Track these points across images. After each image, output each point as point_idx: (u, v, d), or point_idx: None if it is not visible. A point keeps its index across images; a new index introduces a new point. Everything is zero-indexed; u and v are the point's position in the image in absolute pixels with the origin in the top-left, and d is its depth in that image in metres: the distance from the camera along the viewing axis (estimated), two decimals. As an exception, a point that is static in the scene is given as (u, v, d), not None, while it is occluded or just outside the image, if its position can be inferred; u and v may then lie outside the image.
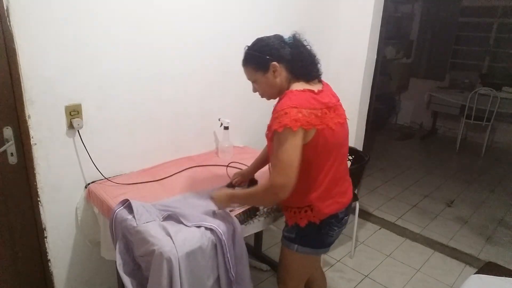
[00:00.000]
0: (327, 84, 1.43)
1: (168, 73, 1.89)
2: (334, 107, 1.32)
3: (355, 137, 2.87)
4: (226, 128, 2.12)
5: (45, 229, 1.64)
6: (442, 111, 5.33)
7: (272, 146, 1.34)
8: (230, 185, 1.69)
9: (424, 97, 5.30)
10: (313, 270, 1.69)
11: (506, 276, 1.66)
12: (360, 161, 2.28)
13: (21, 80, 1.41)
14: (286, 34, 1.36)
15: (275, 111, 1.25)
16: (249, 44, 1.37)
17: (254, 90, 1.41)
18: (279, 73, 1.30)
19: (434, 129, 5.62)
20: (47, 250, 1.68)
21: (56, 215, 1.66)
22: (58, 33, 1.46)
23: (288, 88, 1.31)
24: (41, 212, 1.61)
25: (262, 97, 1.42)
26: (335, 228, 1.41)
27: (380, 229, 2.97)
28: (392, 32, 5.26)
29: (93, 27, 1.56)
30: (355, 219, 2.51)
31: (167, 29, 1.82)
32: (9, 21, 1.33)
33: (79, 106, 1.60)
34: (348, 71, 2.78)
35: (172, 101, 1.96)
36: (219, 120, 2.17)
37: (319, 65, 1.37)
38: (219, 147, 2.15)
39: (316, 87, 1.31)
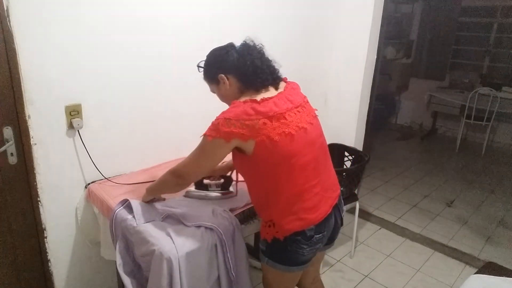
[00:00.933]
0: (292, 87, 1.35)
1: (168, 73, 1.89)
2: (279, 116, 1.20)
3: (355, 137, 2.87)
4: (226, 128, 2.11)
5: (45, 229, 1.64)
6: (442, 111, 5.32)
7: (233, 160, 1.36)
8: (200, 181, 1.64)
9: (424, 97, 5.30)
10: (308, 285, 1.63)
11: (506, 276, 1.66)
12: (360, 161, 2.28)
13: (21, 80, 1.41)
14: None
15: (216, 118, 1.23)
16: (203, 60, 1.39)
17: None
18: (229, 83, 1.29)
19: (434, 129, 5.62)
20: (47, 250, 1.68)
21: (56, 215, 1.66)
22: (58, 33, 1.46)
23: (238, 98, 1.27)
24: (41, 212, 1.61)
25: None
26: (304, 246, 1.27)
27: (380, 229, 2.97)
28: (392, 32, 5.26)
29: (93, 27, 1.56)
30: (355, 219, 2.51)
31: (167, 29, 1.82)
32: (9, 21, 1.33)
33: (79, 106, 1.60)
34: (348, 71, 2.78)
35: (172, 101, 1.95)
36: (219, 120, 2.17)
37: (272, 69, 1.31)
38: (219, 147, 2.15)
39: (266, 94, 1.24)
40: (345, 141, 2.65)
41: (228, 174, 1.66)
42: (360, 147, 2.92)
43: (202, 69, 1.38)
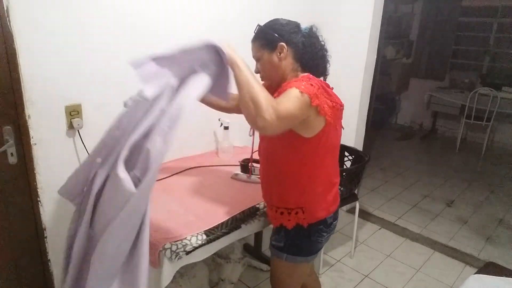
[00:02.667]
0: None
1: (168, 73, 1.89)
2: (341, 108, 1.27)
3: (355, 137, 2.87)
4: (226, 128, 2.12)
5: (45, 229, 1.64)
6: (442, 111, 5.33)
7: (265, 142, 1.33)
8: (245, 161, 1.76)
9: (424, 97, 5.30)
10: (306, 277, 1.63)
11: (506, 276, 1.66)
12: (360, 161, 2.28)
13: (21, 80, 1.41)
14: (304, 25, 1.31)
15: (291, 82, 1.15)
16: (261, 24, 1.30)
17: (256, 71, 1.31)
18: (285, 56, 1.24)
19: (434, 129, 5.62)
20: (47, 250, 1.68)
21: (56, 215, 1.66)
22: (58, 33, 1.46)
23: (295, 76, 1.25)
24: (41, 212, 1.61)
25: (262, 80, 1.32)
26: (324, 233, 1.36)
27: (380, 229, 2.97)
28: (392, 32, 5.26)
29: (94, 27, 1.56)
30: (355, 219, 2.51)
31: (167, 29, 1.82)
32: (9, 21, 1.33)
33: (79, 106, 1.60)
34: (348, 71, 2.78)
35: (172, 101, 1.95)
36: (219, 120, 2.17)
37: (328, 64, 1.33)
38: (219, 147, 2.15)
39: None
40: (345, 141, 2.65)
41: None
42: (360, 147, 2.92)
43: (259, 29, 1.27)
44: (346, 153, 2.48)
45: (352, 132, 2.86)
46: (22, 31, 1.37)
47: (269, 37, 1.24)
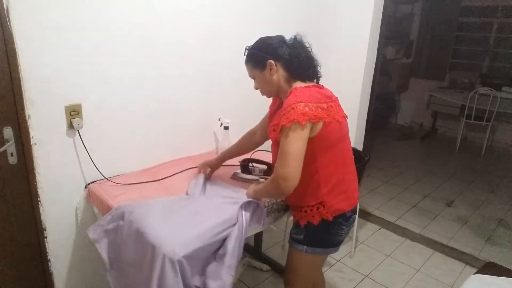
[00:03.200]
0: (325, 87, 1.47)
1: (168, 73, 1.89)
2: (336, 101, 1.40)
3: (355, 137, 2.87)
4: (226, 128, 2.12)
5: (45, 229, 1.64)
6: (442, 111, 5.33)
7: (277, 146, 1.36)
8: (245, 161, 1.79)
9: (424, 97, 5.31)
10: (320, 270, 1.70)
11: (506, 276, 1.66)
12: (360, 161, 2.28)
13: (21, 80, 1.40)
14: (289, 36, 1.42)
15: (282, 109, 1.28)
16: (251, 44, 1.43)
17: (255, 87, 1.48)
18: (276, 70, 1.36)
19: (434, 129, 5.62)
20: (47, 250, 1.68)
21: (56, 215, 1.66)
22: (58, 33, 1.46)
23: (289, 87, 1.37)
24: (41, 212, 1.61)
25: (262, 94, 1.48)
26: (344, 227, 1.43)
27: (380, 229, 2.97)
28: (392, 32, 5.26)
29: (93, 27, 1.56)
30: (355, 219, 2.50)
31: (168, 30, 1.82)
32: (9, 21, 1.33)
33: (79, 106, 1.60)
34: (348, 71, 2.78)
35: (172, 101, 1.95)
36: (219, 120, 2.17)
37: (318, 68, 1.42)
38: (219, 147, 2.15)
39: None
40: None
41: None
42: (360, 147, 2.92)
43: (248, 52, 1.42)
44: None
45: (352, 132, 2.83)
46: (22, 31, 1.37)
47: (257, 57, 1.38)
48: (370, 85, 2.85)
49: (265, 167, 1.78)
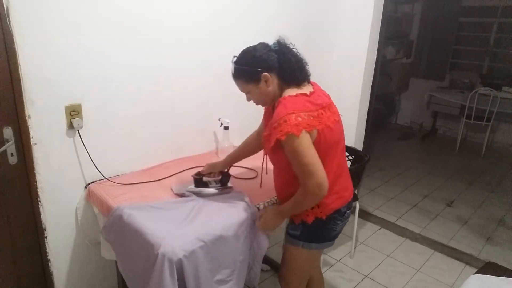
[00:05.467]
0: (316, 84, 1.45)
1: (168, 73, 1.89)
2: (328, 106, 1.36)
3: (355, 137, 2.87)
4: (226, 128, 2.12)
5: (45, 229, 1.64)
6: (442, 111, 5.32)
7: (274, 156, 1.37)
8: (198, 175, 1.65)
9: (424, 97, 5.30)
10: (315, 267, 1.70)
11: (506, 276, 1.66)
12: (360, 161, 2.28)
13: (21, 80, 1.41)
14: (271, 41, 1.37)
15: (273, 121, 1.26)
16: (236, 55, 1.38)
17: (248, 99, 1.43)
18: (271, 82, 1.33)
19: (434, 129, 5.62)
20: (47, 250, 1.68)
21: (56, 215, 1.66)
22: (58, 33, 1.46)
23: (280, 95, 1.34)
24: (41, 212, 1.61)
25: (257, 104, 1.44)
26: (338, 222, 1.45)
27: (380, 229, 2.97)
28: (392, 32, 5.26)
29: (93, 28, 1.56)
30: (355, 219, 2.51)
31: (167, 30, 1.82)
32: (9, 21, 1.33)
33: (79, 106, 1.60)
34: (348, 71, 2.78)
35: (172, 101, 1.95)
36: (219, 120, 2.17)
37: (307, 67, 1.39)
38: (219, 147, 2.15)
39: (307, 89, 1.34)
40: (345, 141, 2.65)
41: (225, 170, 1.70)
42: (360, 147, 2.92)
43: (237, 69, 1.35)
44: (346, 153, 2.48)
45: (352, 132, 2.86)
46: (22, 31, 1.37)
47: (249, 73, 1.33)
48: (370, 85, 2.85)
49: (219, 177, 1.68)
